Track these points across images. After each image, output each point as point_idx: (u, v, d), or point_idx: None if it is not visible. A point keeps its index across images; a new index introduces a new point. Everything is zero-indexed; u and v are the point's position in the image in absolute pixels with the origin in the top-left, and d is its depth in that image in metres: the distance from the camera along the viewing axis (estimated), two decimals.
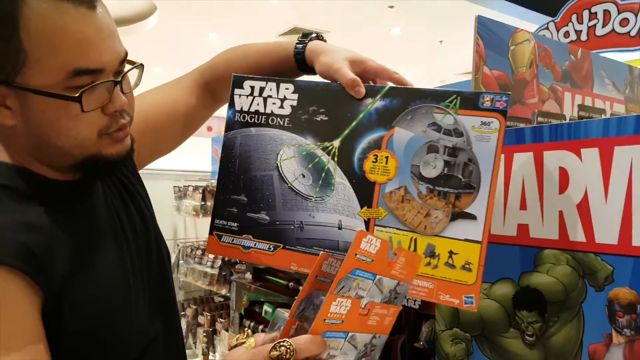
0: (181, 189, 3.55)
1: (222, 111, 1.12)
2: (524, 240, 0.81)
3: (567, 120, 1.03)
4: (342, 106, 0.79)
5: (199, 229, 3.88)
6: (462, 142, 0.72)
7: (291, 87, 0.83)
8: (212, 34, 6.88)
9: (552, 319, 0.78)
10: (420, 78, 8.57)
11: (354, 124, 0.78)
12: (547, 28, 2.20)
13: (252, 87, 0.85)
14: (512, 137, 0.81)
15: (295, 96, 0.82)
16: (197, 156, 3.68)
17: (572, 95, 1.08)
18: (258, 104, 0.85)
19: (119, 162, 0.79)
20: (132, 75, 0.80)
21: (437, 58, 7.73)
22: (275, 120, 0.83)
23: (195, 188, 3.39)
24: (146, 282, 0.87)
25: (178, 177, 3.73)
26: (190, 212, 3.39)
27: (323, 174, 0.79)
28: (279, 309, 0.68)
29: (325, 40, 0.93)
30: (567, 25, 2.04)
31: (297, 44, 0.92)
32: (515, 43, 0.98)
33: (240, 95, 0.86)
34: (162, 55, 7.77)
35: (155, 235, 0.93)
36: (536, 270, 0.79)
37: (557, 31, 2.08)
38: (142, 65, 0.80)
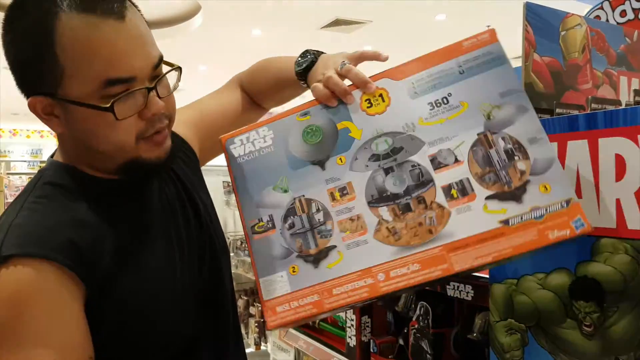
0: (230, 184, 3.62)
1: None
2: None
3: (623, 106, 0.99)
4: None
5: None
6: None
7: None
8: (255, 30, 6.94)
9: (610, 309, 0.76)
10: None
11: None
12: (602, 7, 2.11)
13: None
14: (565, 124, 0.80)
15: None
16: None
17: (628, 80, 1.05)
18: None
19: (161, 164, 0.82)
20: (172, 78, 0.83)
21: None
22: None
23: None
24: (197, 275, 0.89)
25: (227, 173, 3.81)
26: None
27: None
28: None
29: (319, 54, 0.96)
30: (623, 4, 1.95)
31: (296, 63, 0.97)
32: (567, 28, 0.96)
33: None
34: (207, 54, 7.91)
35: (209, 229, 0.95)
36: (593, 259, 0.78)
37: (613, 10, 2.00)
38: (179, 67, 0.82)
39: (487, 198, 0.71)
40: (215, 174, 3.77)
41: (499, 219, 0.70)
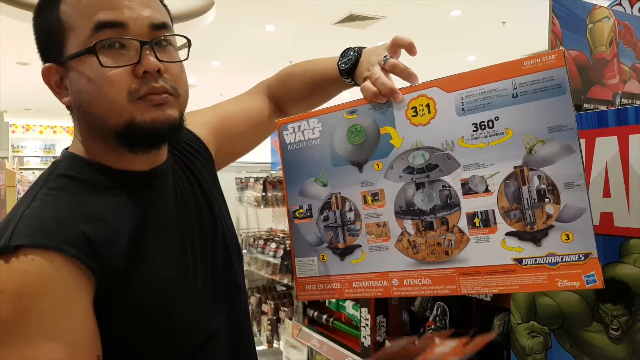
0: (243, 180, 3.62)
1: None
2: (608, 229, 0.76)
3: None
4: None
5: (261, 219, 3.95)
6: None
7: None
8: (268, 25, 6.93)
9: (639, 312, 0.73)
10: (480, 62, 8.29)
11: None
12: (620, 4, 2.07)
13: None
14: (594, 120, 0.77)
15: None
16: (257, 148, 3.73)
17: None
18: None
19: (161, 134, 0.77)
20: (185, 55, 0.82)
21: (500, 39, 7.45)
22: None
23: (257, 179, 3.45)
24: (209, 276, 0.87)
25: (240, 169, 3.80)
26: (252, 203, 3.45)
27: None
28: None
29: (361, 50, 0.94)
30: None
31: (339, 62, 0.95)
32: (594, 21, 0.93)
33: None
34: (220, 50, 7.91)
35: (224, 230, 0.94)
36: (622, 261, 0.75)
37: (632, 6, 1.95)
38: (187, 38, 0.81)
39: (507, 234, 0.71)
40: (228, 170, 3.75)
41: (514, 256, 0.71)
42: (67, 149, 0.85)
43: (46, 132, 15.42)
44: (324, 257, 0.86)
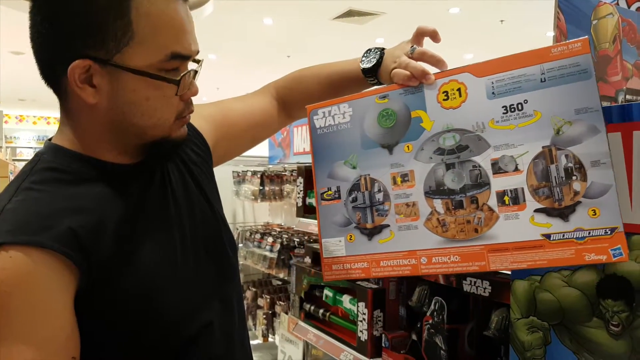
0: (240, 174, 3.61)
1: None
2: None
3: None
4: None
5: (257, 213, 3.94)
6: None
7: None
8: (266, 19, 6.90)
9: None
10: (477, 60, 8.29)
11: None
12: (617, 3, 2.06)
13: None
14: None
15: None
16: None
17: None
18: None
19: (180, 145, 0.84)
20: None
21: (498, 37, 7.46)
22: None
23: (254, 173, 3.44)
24: (201, 266, 0.86)
25: (237, 162, 3.79)
26: (249, 197, 3.44)
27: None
28: None
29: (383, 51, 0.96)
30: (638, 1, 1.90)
31: (362, 62, 0.97)
32: (598, 17, 0.92)
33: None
34: (217, 43, 7.88)
35: (217, 221, 0.93)
36: None
37: (629, 6, 1.95)
38: (199, 60, 0.84)
39: (536, 211, 0.73)
40: (225, 163, 3.74)
41: (542, 232, 0.73)
42: (50, 139, 0.83)
43: (40, 123, 15.31)
44: (351, 238, 0.88)
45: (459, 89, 0.79)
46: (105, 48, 0.71)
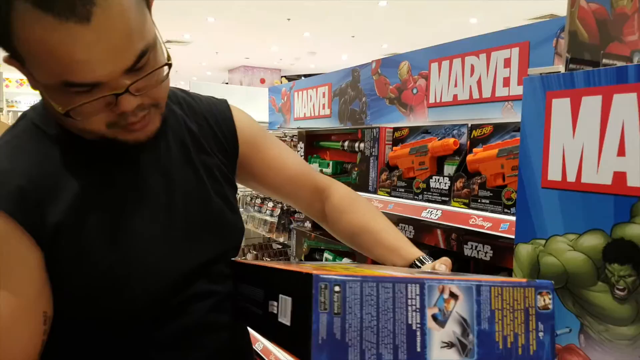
0: None
1: (265, 61, 1.11)
2: (620, 189, 0.74)
3: None
4: None
5: None
6: None
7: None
8: None
9: None
10: (482, 24, 8.13)
11: None
12: None
13: None
14: (613, 76, 0.74)
15: None
16: (254, 106, 3.69)
17: None
18: None
19: (141, 143, 0.78)
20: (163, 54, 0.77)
21: (504, 1, 7.30)
22: None
23: None
24: (193, 248, 0.86)
25: None
26: None
27: None
28: None
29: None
30: None
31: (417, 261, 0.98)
32: None
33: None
34: (215, 5, 7.74)
35: (209, 196, 0.92)
36: (632, 221, 0.74)
37: None
38: (169, 65, 0.74)
39: None
40: None
41: None
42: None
43: None
44: None
45: None
46: (15, 57, 0.69)
